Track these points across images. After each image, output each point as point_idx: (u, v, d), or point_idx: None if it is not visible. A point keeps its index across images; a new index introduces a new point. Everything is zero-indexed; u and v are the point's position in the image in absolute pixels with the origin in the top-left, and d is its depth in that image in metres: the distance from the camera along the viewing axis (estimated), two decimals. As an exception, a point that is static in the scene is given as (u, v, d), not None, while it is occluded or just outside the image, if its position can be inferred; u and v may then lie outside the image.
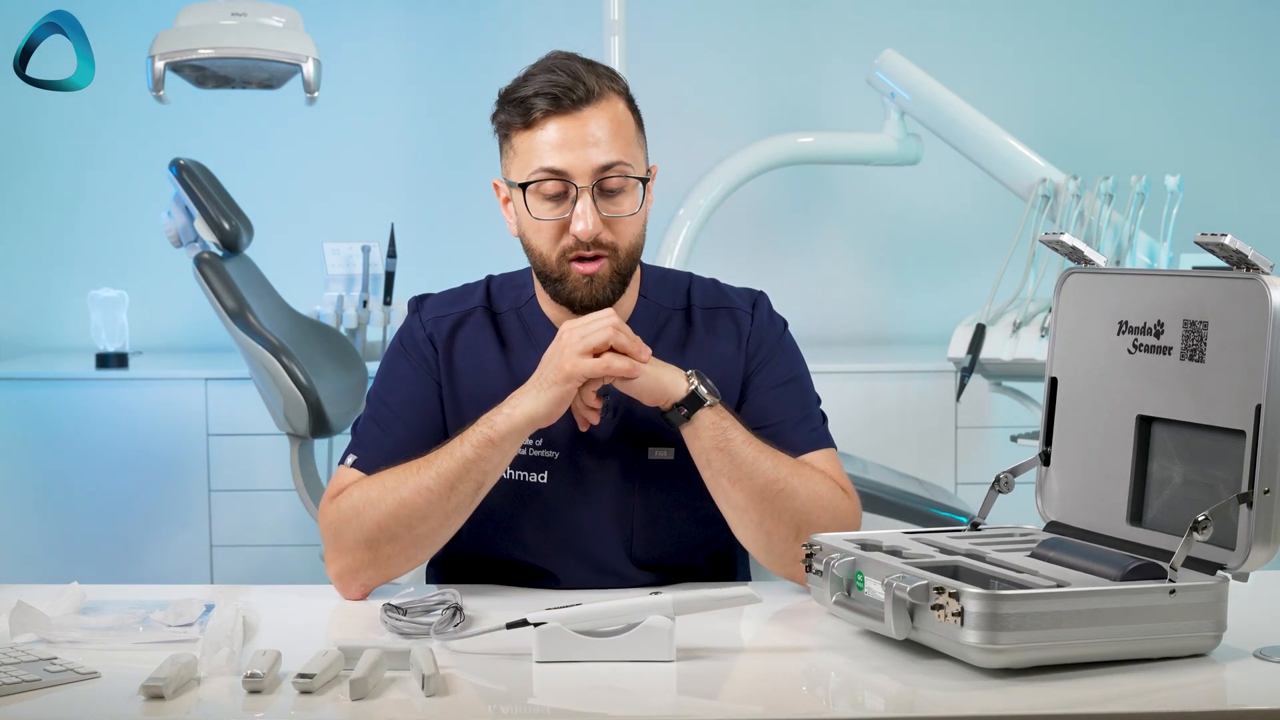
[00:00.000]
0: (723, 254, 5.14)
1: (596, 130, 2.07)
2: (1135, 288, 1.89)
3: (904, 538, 1.96)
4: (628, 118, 2.13)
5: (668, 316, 2.24)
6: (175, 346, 5.27)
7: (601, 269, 2.10)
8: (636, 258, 2.16)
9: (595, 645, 1.74)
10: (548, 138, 2.07)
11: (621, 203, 2.10)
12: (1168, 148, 5.33)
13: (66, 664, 1.72)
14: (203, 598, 1.98)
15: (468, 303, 2.26)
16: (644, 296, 2.25)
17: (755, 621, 1.98)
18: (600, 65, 2.15)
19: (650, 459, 2.18)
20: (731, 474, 2.05)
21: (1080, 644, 1.66)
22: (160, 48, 3.91)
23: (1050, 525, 1.98)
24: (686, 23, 5.36)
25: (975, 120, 4.34)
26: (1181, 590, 1.69)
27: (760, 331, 2.26)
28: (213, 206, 3.95)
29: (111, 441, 4.64)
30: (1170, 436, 1.83)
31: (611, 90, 2.12)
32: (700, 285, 2.30)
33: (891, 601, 1.71)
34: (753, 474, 2.05)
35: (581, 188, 2.07)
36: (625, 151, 2.09)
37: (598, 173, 2.07)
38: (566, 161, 2.06)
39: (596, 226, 2.07)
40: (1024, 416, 4.48)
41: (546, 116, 2.07)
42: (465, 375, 2.21)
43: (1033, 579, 1.73)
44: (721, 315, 2.26)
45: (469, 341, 2.22)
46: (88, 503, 4.65)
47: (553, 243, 2.10)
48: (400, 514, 2.05)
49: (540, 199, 2.09)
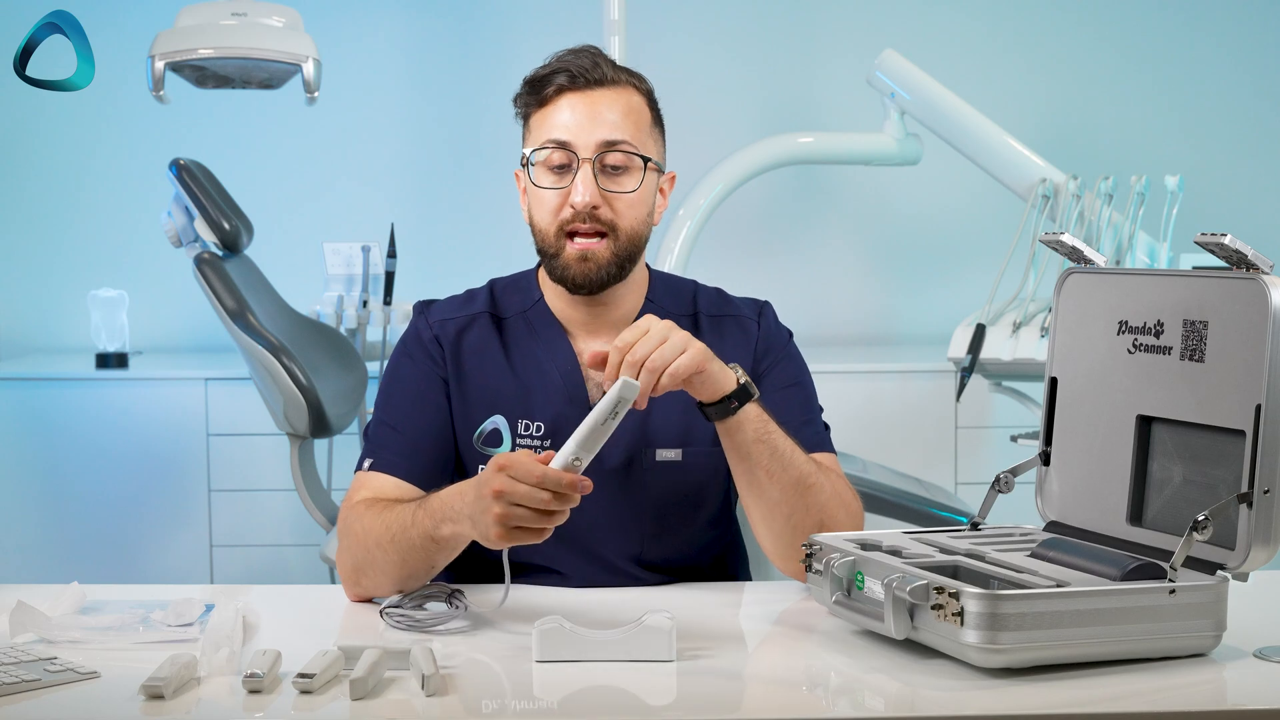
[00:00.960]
0: (723, 254, 5.14)
1: (606, 109, 2.13)
2: (1135, 288, 1.89)
3: (904, 538, 1.96)
4: (643, 110, 2.18)
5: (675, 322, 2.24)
6: (175, 346, 5.27)
7: (598, 248, 2.13)
8: (638, 245, 2.17)
9: (595, 645, 1.74)
10: (559, 112, 2.13)
11: (624, 181, 2.13)
12: (1168, 148, 5.34)
13: (66, 664, 1.72)
14: (203, 598, 1.98)
15: (472, 307, 2.27)
16: (650, 300, 2.26)
17: (756, 621, 1.98)
18: (627, 67, 2.21)
19: (658, 460, 2.18)
20: (770, 466, 2.04)
21: (1080, 644, 1.66)
22: (160, 48, 3.91)
23: (1050, 525, 1.98)
24: (686, 23, 5.36)
25: (975, 120, 4.34)
26: (1181, 590, 1.69)
27: (768, 338, 2.28)
28: (213, 206, 3.95)
29: (111, 441, 4.64)
30: (1170, 436, 1.83)
31: (630, 83, 2.18)
32: (706, 293, 2.32)
33: (891, 601, 1.71)
34: (788, 466, 2.05)
35: (584, 159, 2.11)
36: (634, 134, 2.14)
37: (601, 146, 2.11)
38: (572, 133, 2.12)
39: (594, 198, 2.11)
40: (1024, 416, 4.48)
41: (560, 93, 2.14)
42: (472, 378, 2.21)
43: (1033, 579, 1.73)
44: (729, 323, 2.27)
45: (474, 345, 2.23)
46: (88, 503, 4.65)
47: (553, 215, 2.14)
48: (368, 558, 2.04)
49: (545, 170, 2.14)
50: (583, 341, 2.22)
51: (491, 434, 2.19)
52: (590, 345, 2.20)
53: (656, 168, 2.18)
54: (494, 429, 2.19)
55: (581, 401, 2.18)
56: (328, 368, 4.02)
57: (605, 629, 1.76)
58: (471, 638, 1.84)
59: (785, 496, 2.06)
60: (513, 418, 2.19)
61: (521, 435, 2.18)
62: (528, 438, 2.18)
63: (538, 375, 2.19)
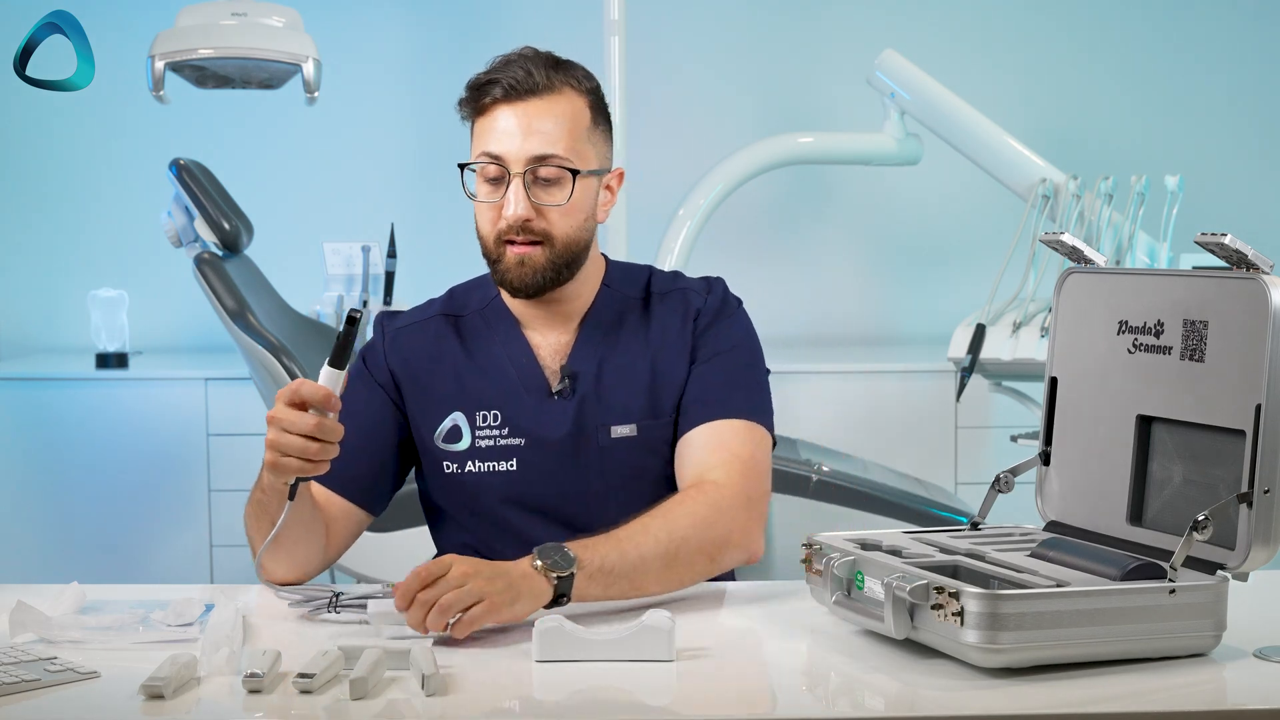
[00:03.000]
0: (722, 254, 5.13)
1: (538, 122, 2.15)
2: (1135, 287, 1.89)
3: (904, 537, 1.96)
4: (582, 114, 2.19)
5: (627, 305, 2.30)
6: (175, 346, 5.27)
7: (534, 254, 2.16)
8: (575, 249, 2.20)
9: (595, 645, 1.74)
10: (494, 124, 2.17)
11: (555, 193, 2.16)
12: (1168, 148, 5.34)
13: (66, 664, 1.72)
14: (203, 597, 1.98)
15: (427, 312, 2.33)
16: (606, 285, 2.30)
17: (755, 621, 1.98)
18: (569, 63, 2.22)
19: (614, 437, 2.22)
20: (636, 583, 2.00)
21: (1080, 644, 1.66)
22: (160, 47, 3.91)
23: (1050, 525, 1.98)
24: (686, 22, 5.36)
25: (975, 120, 4.34)
26: (1181, 590, 1.69)
27: (710, 308, 2.29)
28: (213, 206, 3.96)
29: (111, 441, 4.64)
30: (1170, 436, 1.83)
31: (569, 86, 2.19)
32: (660, 275, 2.35)
33: (891, 601, 1.71)
34: (646, 573, 2.00)
35: (514, 174, 2.14)
36: (567, 145, 2.16)
37: (531, 161, 2.14)
38: (504, 147, 2.15)
39: (526, 211, 2.14)
40: (1024, 416, 4.48)
41: (495, 104, 2.17)
42: (428, 380, 2.26)
43: (1033, 579, 1.73)
44: (674, 296, 2.31)
45: (429, 349, 2.28)
46: (88, 503, 4.65)
47: (491, 224, 2.18)
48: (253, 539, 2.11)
49: (481, 181, 2.19)
50: (539, 335, 2.26)
51: (451, 430, 2.23)
52: (546, 339, 2.25)
53: (592, 174, 2.20)
54: (454, 425, 2.23)
55: (537, 389, 2.22)
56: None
57: (605, 628, 1.76)
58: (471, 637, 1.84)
59: (666, 581, 2.03)
60: (471, 410, 2.23)
61: (480, 427, 2.22)
62: (486, 429, 2.22)
63: (493, 368, 2.24)
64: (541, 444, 2.22)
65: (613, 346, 2.25)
